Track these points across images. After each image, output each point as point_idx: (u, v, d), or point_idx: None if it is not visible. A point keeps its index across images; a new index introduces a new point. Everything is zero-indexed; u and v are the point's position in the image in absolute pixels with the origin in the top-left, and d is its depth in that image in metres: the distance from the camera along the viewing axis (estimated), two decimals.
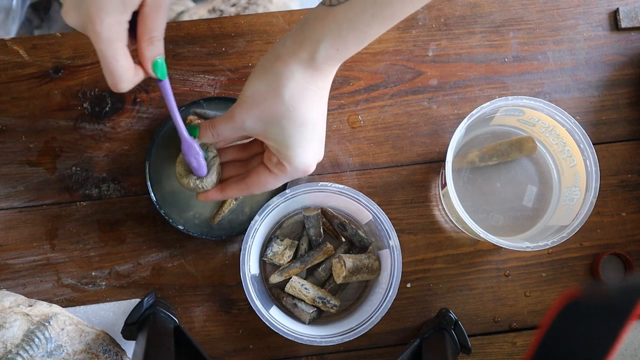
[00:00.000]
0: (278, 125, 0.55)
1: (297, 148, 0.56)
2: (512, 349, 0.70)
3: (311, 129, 0.55)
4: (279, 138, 0.56)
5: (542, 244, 0.63)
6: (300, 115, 0.54)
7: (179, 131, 0.59)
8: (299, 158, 0.56)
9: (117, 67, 0.51)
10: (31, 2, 1.31)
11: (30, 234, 0.70)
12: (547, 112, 0.66)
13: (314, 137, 0.56)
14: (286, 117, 0.54)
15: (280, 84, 0.53)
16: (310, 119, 0.55)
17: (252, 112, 0.55)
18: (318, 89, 0.55)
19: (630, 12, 0.74)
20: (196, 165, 0.61)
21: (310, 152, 0.57)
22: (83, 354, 0.64)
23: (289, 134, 0.55)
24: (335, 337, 0.62)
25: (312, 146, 0.57)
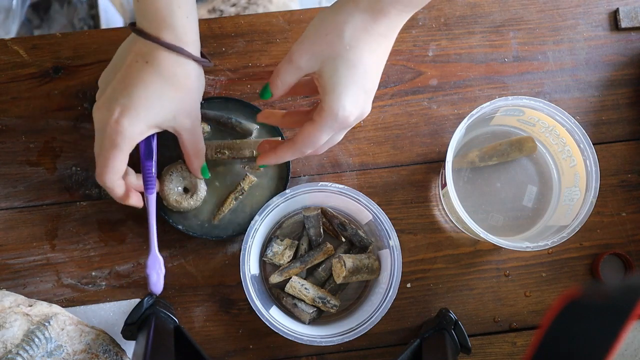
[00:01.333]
0: (332, 63, 0.54)
1: (341, 90, 0.54)
2: (512, 349, 0.70)
3: (361, 74, 0.54)
4: (328, 77, 0.54)
5: (542, 244, 0.63)
6: (355, 57, 0.53)
7: (150, 244, 0.63)
8: (339, 102, 0.54)
9: (113, 165, 0.58)
10: (31, 2, 1.31)
11: (30, 234, 0.70)
12: (547, 112, 0.66)
13: (362, 84, 0.54)
14: (341, 56, 0.54)
15: (342, 23, 0.53)
16: (364, 63, 0.54)
17: (311, 48, 0.55)
18: (379, 36, 0.54)
19: (630, 12, 0.74)
20: (155, 280, 0.63)
21: (351, 99, 0.54)
22: (83, 354, 0.64)
23: (338, 73, 0.54)
24: (335, 337, 0.62)
25: (355, 93, 0.54)
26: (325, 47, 0.54)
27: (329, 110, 0.55)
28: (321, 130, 0.56)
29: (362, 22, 0.53)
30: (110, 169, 0.58)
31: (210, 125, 0.70)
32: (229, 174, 0.70)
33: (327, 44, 0.54)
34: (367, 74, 0.54)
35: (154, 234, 0.63)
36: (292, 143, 0.59)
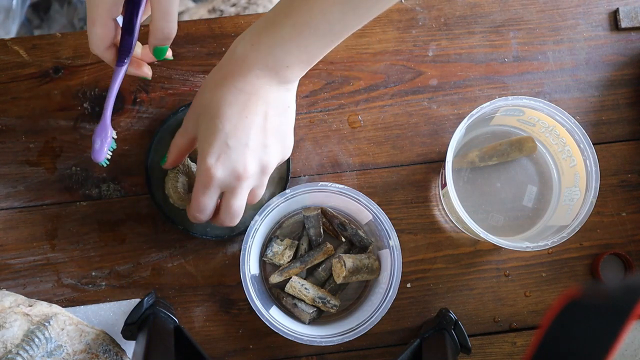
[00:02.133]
0: (198, 120, 0.57)
1: (202, 145, 0.56)
2: (512, 349, 0.70)
3: (219, 127, 0.55)
4: (198, 131, 0.57)
5: (542, 244, 0.63)
6: (213, 111, 0.55)
7: (104, 112, 0.62)
8: (201, 156, 0.56)
9: (92, 32, 0.57)
10: (31, 2, 1.31)
11: (30, 234, 0.70)
12: (547, 112, 0.66)
13: (222, 137, 0.55)
14: (204, 111, 0.56)
15: (207, 80, 0.57)
16: (220, 115, 0.55)
17: (191, 110, 0.59)
18: (234, 89, 0.55)
19: (630, 12, 0.74)
20: (98, 147, 0.62)
21: (211, 151, 0.55)
22: (83, 354, 0.64)
23: (202, 128, 0.57)
24: (335, 337, 0.62)
25: (215, 146, 0.55)
26: (196, 106, 0.58)
27: (197, 166, 0.57)
28: (197, 191, 0.58)
29: (219, 77, 0.56)
30: (91, 37, 0.57)
31: None
32: None
33: (197, 103, 0.58)
34: (226, 128, 0.55)
35: (110, 104, 0.62)
36: (187, 209, 0.62)
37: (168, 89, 0.72)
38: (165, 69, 0.72)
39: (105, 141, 0.63)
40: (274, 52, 0.54)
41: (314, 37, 0.53)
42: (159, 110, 0.72)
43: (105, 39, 0.57)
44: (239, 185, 0.57)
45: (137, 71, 0.64)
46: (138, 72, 0.64)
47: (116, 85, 0.62)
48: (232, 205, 0.59)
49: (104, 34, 0.57)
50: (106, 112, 0.62)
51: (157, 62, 0.72)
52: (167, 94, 0.72)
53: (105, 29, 0.57)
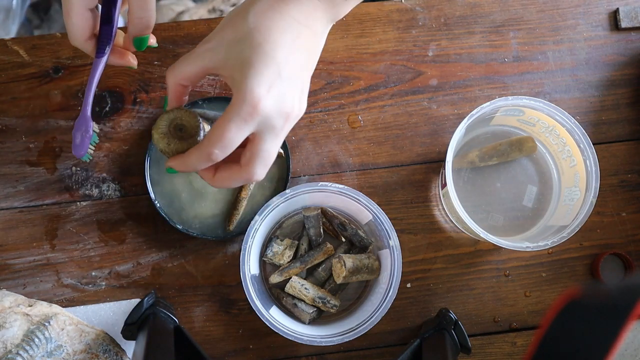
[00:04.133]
0: (235, 47, 0.48)
1: (247, 72, 0.47)
2: (512, 349, 0.70)
3: (270, 55, 0.47)
4: (232, 62, 0.48)
5: (542, 244, 0.63)
6: (260, 36, 0.48)
7: (83, 106, 0.60)
8: (245, 84, 0.47)
9: (68, 23, 0.55)
10: (31, 2, 1.31)
11: (30, 234, 0.70)
12: (547, 112, 0.66)
13: (273, 66, 0.47)
14: (245, 37, 0.48)
15: (248, 6, 0.49)
16: (271, 42, 0.47)
17: (215, 36, 0.50)
18: (290, 17, 0.49)
19: (630, 12, 0.74)
20: (78, 142, 0.61)
21: (261, 80, 0.47)
22: (83, 354, 0.64)
23: (243, 55, 0.48)
24: (335, 337, 0.62)
25: (265, 74, 0.47)
26: (229, 31, 0.49)
27: (236, 95, 0.48)
28: (229, 120, 0.48)
29: (268, 2, 0.49)
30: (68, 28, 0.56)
31: (210, 125, 0.70)
32: None
33: (231, 28, 0.49)
34: (279, 56, 0.48)
35: (90, 97, 0.60)
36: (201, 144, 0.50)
37: None
38: (165, 69, 0.72)
39: (86, 135, 0.61)
40: None
41: None
42: (159, 110, 0.72)
43: (82, 30, 0.56)
44: (282, 126, 0.49)
45: (121, 61, 0.61)
46: (122, 62, 0.61)
47: (96, 76, 0.60)
48: (269, 150, 0.50)
49: (81, 25, 0.56)
50: (86, 105, 0.61)
51: (157, 62, 0.72)
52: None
53: (82, 20, 0.55)
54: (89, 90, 0.61)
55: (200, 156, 0.50)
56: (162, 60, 0.72)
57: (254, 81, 0.47)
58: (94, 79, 0.60)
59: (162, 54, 0.72)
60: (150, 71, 0.72)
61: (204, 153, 0.49)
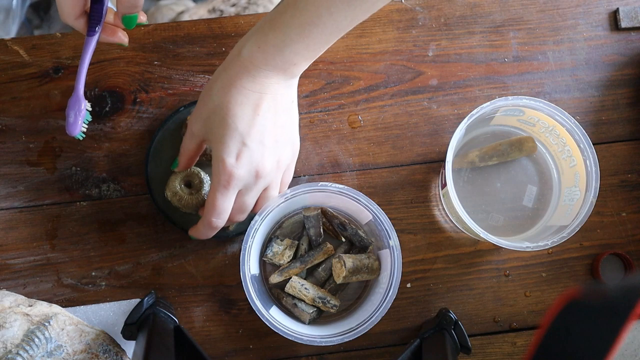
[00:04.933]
0: (209, 123, 0.57)
1: (218, 146, 0.56)
2: (512, 349, 0.70)
3: (232, 127, 0.55)
4: (211, 136, 0.57)
5: (542, 244, 0.63)
6: (223, 111, 0.55)
7: (76, 84, 0.62)
8: (217, 156, 0.56)
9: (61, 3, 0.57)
10: (31, 2, 1.31)
11: (30, 234, 0.70)
12: (547, 112, 0.66)
13: (237, 137, 0.55)
14: (214, 113, 0.56)
15: (212, 82, 0.57)
16: (232, 115, 0.55)
17: (196, 113, 0.58)
18: (245, 90, 0.55)
19: (630, 12, 0.74)
20: (72, 120, 0.62)
21: (229, 150, 0.56)
22: (83, 354, 0.64)
23: (214, 130, 0.56)
24: (335, 337, 0.62)
25: (232, 145, 0.56)
26: (203, 108, 0.57)
27: (214, 168, 0.57)
28: (215, 193, 0.57)
29: (226, 78, 0.56)
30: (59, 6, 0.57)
31: None
32: None
33: (203, 105, 0.57)
34: (240, 127, 0.55)
35: (82, 75, 0.62)
36: (202, 216, 0.61)
37: (168, 89, 0.72)
38: (166, 69, 0.72)
39: (80, 114, 0.62)
40: (282, 53, 0.54)
41: (321, 35, 0.53)
42: (159, 110, 0.72)
43: (74, 7, 0.57)
44: (256, 183, 0.58)
45: (112, 38, 0.63)
46: (113, 39, 0.63)
47: (88, 54, 0.61)
48: (245, 202, 0.60)
49: (73, 3, 0.57)
50: (78, 84, 0.62)
51: (157, 62, 0.72)
52: (167, 94, 0.72)
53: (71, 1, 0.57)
54: (81, 68, 0.61)
55: (205, 226, 0.60)
56: (162, 60, 0.72)
57: (224, 154, 0.56)
58: (86, 57, 0.61)
59: (162, 54, 0.72)
60: (150, 71, 0.72)
61: (206, 223, 0.60)
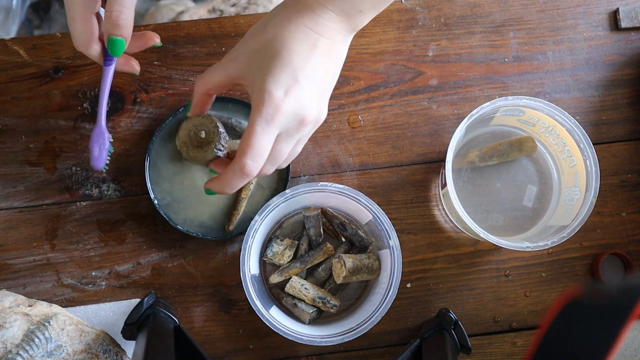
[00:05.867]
0: (256, 56, 0.52)
1: (266, 78, 0.50)
2: (512, 349, 0.70)
3: (287, 61, 0.50)
4: (255, 70, 0.51)
5: (542, 244, 0.63)
6: (278, 44, 0.50)
7: (98, 117, 0.61)
8: (264, 88, 0.50)
9: (73, 29, 0.56)
10: (31, 2, 1.31)
11: (30, 234, 0.70)
12: (547, 112, 0.66)
13: (290, 71, 0.50)
14: (264, 47, 0.51)
15: (267, 18, 0.53)
16: (288, 49, 0.50)
17: (238, 49, 0.53)
18: (305, 27, 0.51)
19: (630, 12, 0.74)
20: (97, 154, 0.62)
21: (279, 83, 0.50)
22: (83, 354, 0.64)
23: (263, 63, 0.51)
24: (335, 337, 0.62)
25: (283, 78, 0.50)
26: (251, 42, 0.52)
27: (257, 100, 0.50)
28: (254, 125, 0.50)
29: (285, 13, 0.52)
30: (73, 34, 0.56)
31: None
32: None
33: (253, 40, 0.52)
34: (295, 62, 0.50)
35: (103, 107, 0.61)
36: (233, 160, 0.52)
37: (168, 89, 0.72)
38: (165, 69, 0.72)
39: (104, 147, 0.62)
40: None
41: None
42: (159, 110, 0.72)
43: (87, 35, 0.56)
44: (297, 129, 0.52)
45: (125, 67, 0.61)
46: (126, 68, 0.62)
47: (107, 86, 0.60)
48: (281, 149, 0.53)
49: (85, 30, 0.56)
50: (100, 117, 0.61)
51: (157, 62, 0.72)
52: (167, 94, 0.72)
53: (86, 24, 0.55)
54: (101, 101, 0.61)
55: (235, 172, 0.51)
56: (162, 60, 0.72)
57: (272, 85, 0.49)
58: (105, 89, 0.60)
59: (162, 54, 0.72)
60: (151, 71, 0.72)
61: (238, 167, 0.51)
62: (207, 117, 0.58)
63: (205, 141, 0.59)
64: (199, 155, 0.58)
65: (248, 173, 0.51)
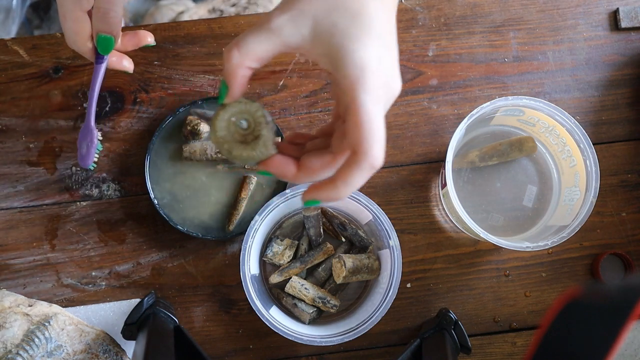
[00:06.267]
0: (328, 18, 0.40)
1: (355, 42, 0.40)
2: (512, 349, 0.70)
3: (370, 25, 0.40)
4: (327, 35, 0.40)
5: (542, 244, 0.63)
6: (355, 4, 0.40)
7: (87, 115, 0.62)
8: (360, 53, 0.40)
9: (65, 27, 0.55)
10: (31, 2, 1.31)
11: (30, 234, 0.70)
12: (547, 112, 0.66)
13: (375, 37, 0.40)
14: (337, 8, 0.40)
15: None
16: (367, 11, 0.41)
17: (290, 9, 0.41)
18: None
19: (630, 12, 0.74)
20: (84, 152, 0.62)
21: (371, 48, 0.40)
22: (83, 354, 0.64)
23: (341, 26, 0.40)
24: (335, 337, 0.62)
25: (374, 47, 0.40)
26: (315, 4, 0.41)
27: (351, 73, 0.40)
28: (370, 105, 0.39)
29: None
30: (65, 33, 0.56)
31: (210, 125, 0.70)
32: (229, 176, 0.70)
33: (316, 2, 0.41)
34: (377, 27, 0.41)
35: (93, 105, 0.61)
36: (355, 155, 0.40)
37: (168, 89, 0.72)
38: (166, 69, 0.72)
39: (92, 145, 0.63)
40: None
41: None
42: (159, 110, 0.72)
43: (79, 33, 0.56)
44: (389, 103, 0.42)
45: (118, 65, 0.61)
46: (118, 66, 0.61)
47: (97, 84, 0.60)
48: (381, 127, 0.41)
49: (77, 28, 0.56)
50: (89, 115, 0.62)
51: (157, 62, 0.72)
52: (167, 94, 0.72)
53: (78, 23, 0.55)
54: (91, 99, 0.61)
55: (364, 169, 0.40)
56: (162, 60, 0.72)
57: (366, 54, 0.40)
58: (95, 88, 0.60)
59: (162, 54, 0.72)
60: (150, 71, 0.72)
61: (368, 164, 0.39)
62: (248, 103, 0.44)
63: (250, 134, 0.44)
64: (248, 153, 0.44)
65: (378, 165, 0.40)
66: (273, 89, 0.72)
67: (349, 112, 0.40)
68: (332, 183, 0.41)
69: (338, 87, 0.41)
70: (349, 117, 0.40)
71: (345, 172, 0.41)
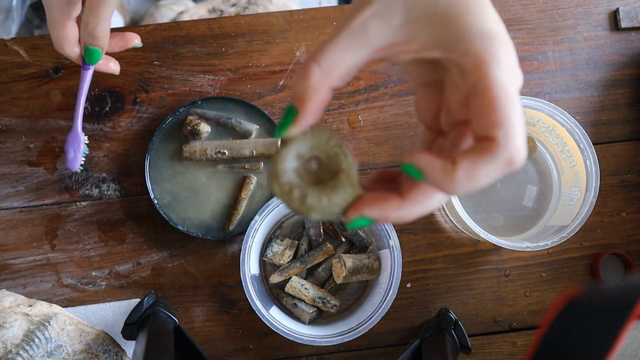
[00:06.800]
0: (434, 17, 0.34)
1: (475, 14, 0.33)
2: (512, 349, 0.70)
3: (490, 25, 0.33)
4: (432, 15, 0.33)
5: (542, 244, 0.63)
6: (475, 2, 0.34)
7: (74, 120, 0.63)
8: (480, 23, 0.33)
9: (53, 34, 0.57)
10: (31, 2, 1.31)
11: (30, 234, 0.70)
12: (547, 112, 0.66)
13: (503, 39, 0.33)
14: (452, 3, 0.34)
15: None
16: (481, 9, 0.34)
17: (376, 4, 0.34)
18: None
19: (630, 12, 0.74)
20: (72, 157, 0.63)
21: (492, 19, 0.34)
22: (83, 354, 0.64)
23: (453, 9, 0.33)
24: (335, 337, 0.62)
25: (494, 15, 0.34)
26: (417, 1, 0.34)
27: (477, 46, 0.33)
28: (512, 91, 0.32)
29: None
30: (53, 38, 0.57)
31: (210, 125, 0.70)
32: (229, 176, 0.70)
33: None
34: (496, 25, 0.34)
35: (80, 110, 0.63)
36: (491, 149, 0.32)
37: (168, 89, 0.72)
38: (165, 69, 0.72)
39: (79, 150, 0.64)
40: None
41: None
42: (159, 110, 0.72)
43: (66, 39, 0.57)
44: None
45: (104, 67, 0.62)
46: (104, 69, 0.62)
47: (84, 89, 0.62)
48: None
49: (64, 35, 0.57)
50: (76, 120, 0.63)
51: (157, 62, 0.72)
52: (167, 94, 0.72)
53: (64, 30, 0.57)
54: (78, 104, 0.63)
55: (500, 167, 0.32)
56: (162, 60, 0.72)
57: (490, 25, 0.33)
58: (82, 90, 0.62)
59: (162, 54, 0.72)
60: (150, 71, 0.72)
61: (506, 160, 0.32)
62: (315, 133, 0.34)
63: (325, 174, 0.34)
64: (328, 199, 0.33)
65: (519, 166, 0.33)
66: (273, 89, 0.72)
67: (476, 94, 0.32)
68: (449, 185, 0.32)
69: (456, 71, 0.34)
70: (477, 100, 0.32)
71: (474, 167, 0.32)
